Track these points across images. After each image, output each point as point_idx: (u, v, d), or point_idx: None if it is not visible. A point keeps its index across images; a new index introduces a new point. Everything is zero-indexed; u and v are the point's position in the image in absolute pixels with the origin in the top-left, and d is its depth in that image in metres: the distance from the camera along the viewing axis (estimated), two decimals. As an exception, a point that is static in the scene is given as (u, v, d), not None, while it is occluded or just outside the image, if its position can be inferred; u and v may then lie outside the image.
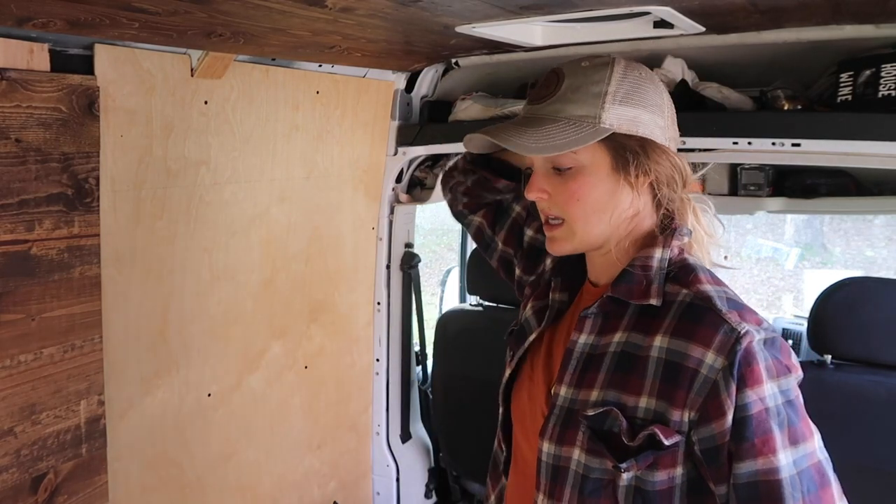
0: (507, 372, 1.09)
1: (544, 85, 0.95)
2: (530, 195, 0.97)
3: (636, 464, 0.86)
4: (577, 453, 0.91)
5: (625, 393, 0.88)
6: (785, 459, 0.80)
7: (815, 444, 0.83)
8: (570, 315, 1.03)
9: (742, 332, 0.83)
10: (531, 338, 1.06)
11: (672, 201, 0.96)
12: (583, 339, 0.95)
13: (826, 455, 0.84)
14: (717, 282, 0.92)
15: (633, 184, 0.92)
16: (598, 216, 0.93)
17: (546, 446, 0.94)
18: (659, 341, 0.87)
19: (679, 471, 0.86)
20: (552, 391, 0.96)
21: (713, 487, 0.85)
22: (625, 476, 0.86)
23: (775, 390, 0.82)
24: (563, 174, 0.93)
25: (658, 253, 0.93)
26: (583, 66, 0.94)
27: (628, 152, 0.91)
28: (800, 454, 0.81)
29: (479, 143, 1.02)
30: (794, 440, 0.81)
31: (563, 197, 0.93)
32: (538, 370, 1.03)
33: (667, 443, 0.84)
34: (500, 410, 1.11)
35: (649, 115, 0.92)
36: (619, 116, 0.90)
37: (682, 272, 0.92)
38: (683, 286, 0.90)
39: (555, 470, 0.93)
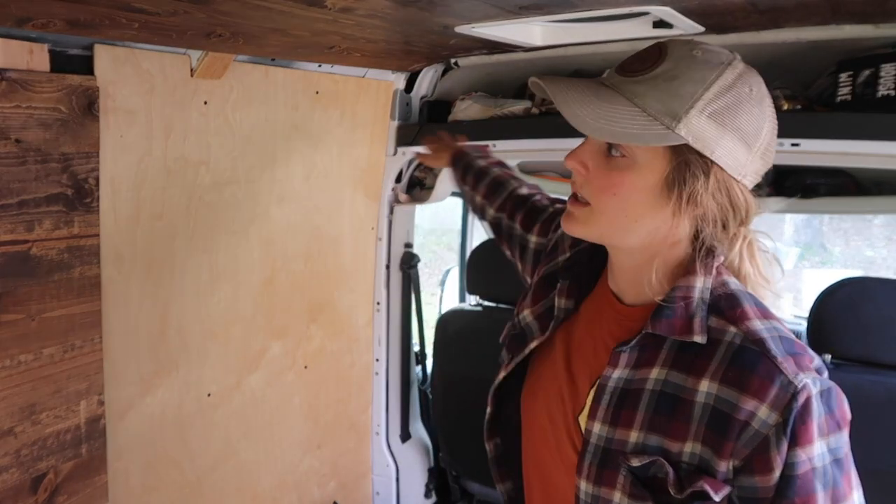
0: (502, 374, 1.05)
1: (641, 58, 0.83)
2: (568, 162, 0.86)
3: None
4: (618, 496, 0.86)
5: (668, 438, 0.82)
6: None
7: (853, 501, 0.80)
8: (584, 325, 0.98)
9: (800, 386, 0.77)
10: (532, 345, 1.02)
11: (717, 240, 0.85)
12: (616, 373, 0.88)
13: None
14: (766, 314, 0.84)
15: (678, 207, 0.82)
16: (627, 220, 0.84)
17: (584, 485, 0.89)
18: (706, 386, 0.80)
19: None
20: (583, 426, 0.90)
21: None
22: None
23: (824, 449, 0.77)
24: (613, 160, 0.83)
25: (699, 282, 0.84)
26: (693, 55, 0.80)
27: (688, 173, 0.80)
28: None
29: (536, 89, 0.90)
30: (834, 500, 0.78)
31: (601, 183, 0.83)
32: (557, 390, 0.98)
33: (717, 498, 0.80)
34: (489, 410, 1.08)
35: (734, 143, 0.79)
36: (700, 130, 0.78)
37: (727, 303, 0.84)
38: (730, 322, 0.82)
39: None
